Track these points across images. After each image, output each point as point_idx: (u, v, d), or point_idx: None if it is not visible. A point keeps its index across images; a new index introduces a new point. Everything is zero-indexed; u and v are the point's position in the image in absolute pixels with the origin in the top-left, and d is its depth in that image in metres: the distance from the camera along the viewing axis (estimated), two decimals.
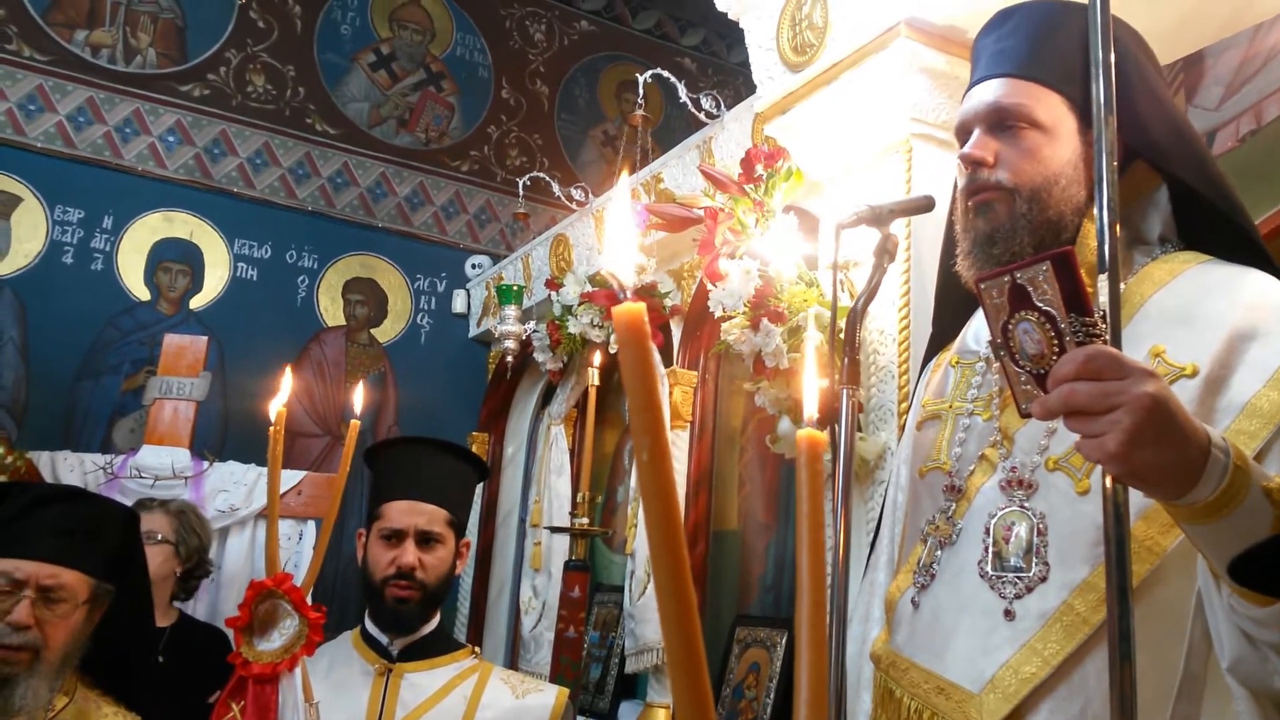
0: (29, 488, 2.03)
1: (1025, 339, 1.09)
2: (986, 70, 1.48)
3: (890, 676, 1.42)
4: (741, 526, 3.51)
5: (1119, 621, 0.94)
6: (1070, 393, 1.01)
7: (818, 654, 0.60)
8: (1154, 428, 0.98)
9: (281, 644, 1.82)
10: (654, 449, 0.50)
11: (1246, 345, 1.24)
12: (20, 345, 4.69)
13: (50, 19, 4.98)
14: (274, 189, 5.36)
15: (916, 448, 1.56)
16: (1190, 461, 1.01)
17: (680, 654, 0.50)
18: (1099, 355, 1.00)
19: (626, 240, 0.52)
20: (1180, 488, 1.02)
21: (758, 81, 2.75)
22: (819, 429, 0.68)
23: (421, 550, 2.09)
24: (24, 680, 1.77)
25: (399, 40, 5.88)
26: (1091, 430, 1.00)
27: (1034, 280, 1.06)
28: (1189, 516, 1.05)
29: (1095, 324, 1.04)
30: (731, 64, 6.82)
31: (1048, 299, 1.05)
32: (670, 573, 0.51)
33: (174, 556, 3.07)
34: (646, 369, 0.50)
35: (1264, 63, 3.19)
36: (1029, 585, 1.27)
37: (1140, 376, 0.99)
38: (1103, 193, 1.01)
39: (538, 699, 2.12)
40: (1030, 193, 1.39)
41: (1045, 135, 1.40)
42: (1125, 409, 0.98)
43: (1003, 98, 1.43)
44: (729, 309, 2.65)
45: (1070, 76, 1.41)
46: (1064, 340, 1.05)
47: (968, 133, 1.47)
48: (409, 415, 5.43)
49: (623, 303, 0.49)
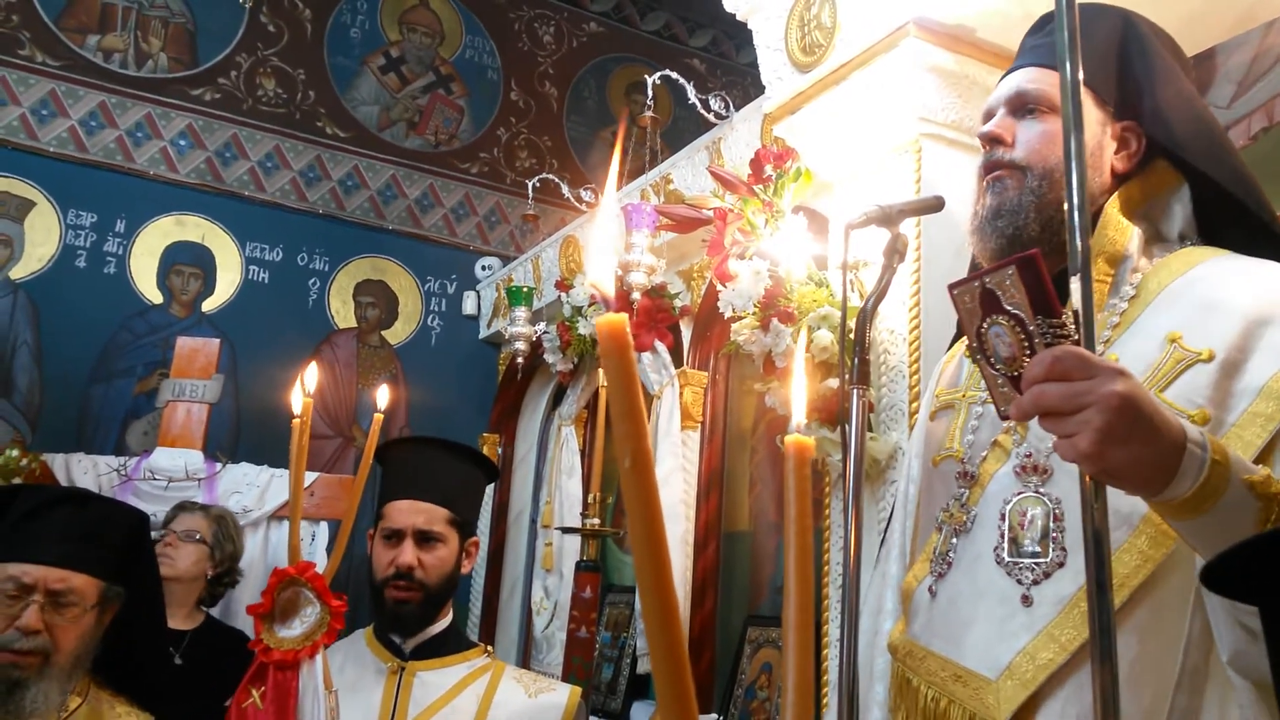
0: (38, 490, 2.03)
1: (998, 342, 1.11)
2: (1019, 62, 1.54)
3: (908, 665, 1.42)
4: (752, 527, 3.51)
5: (1099, 617, 0.94)
6: (1040, 394, 1.02)
7: (804, 659, 0.61)
8: (1124, 425, 0.98)
9: (302, 631, 1.83)
10: (636, 456, 0.51)
11: (1263, 330, 1.24)
12: (34, 349, 4.72)
13: (62, 24, 5.01)
14: (285, 192, 5.38)
15: (929, 438, 1.57)
16: (1165, 457, 1.02)
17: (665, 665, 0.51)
18: (1066, 356, 1.01)
19: (608, 253, 0.54)
20: (1156, 484, 1.03)
21: (766, 82, 2.75)
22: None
23: (421, 550, 2.07)
24: (34, 684, 1.77)
25: (408, 43, 5.90)
26: (1063, 430, 1.01)
27: (1001, 284, 1.07)
28: (1171, 512, 1.06)
29: (1064, 325, 1.04)
30: (740, 65, 6.82)
31: (1015, 302, 1.07)
32: (653, 579, 0.51)
33: (208, 558, 3.11)
34: (629, 378, 0.51)
35: (1275, 60, 3.18)
36: (1046, 571, 1.27)
37: (1108, 375, 1.00)
38: (1072, 194, 1.02)
39: (550, 698, 2.12)
40: (1043, 171, 1.42)
41: None
42: (1095, 408, 0.98)
43: (1026, 83, 1.48)
44: (739, 309, 2.65)
45: (1100, 72, 1.45)
46: (1034, 342, 1.06)
47: (991, 117, 1.52)
48: (420, 417, 5.45)
49: (605, 315, 0.50)
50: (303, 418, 1.71)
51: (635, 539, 0.52)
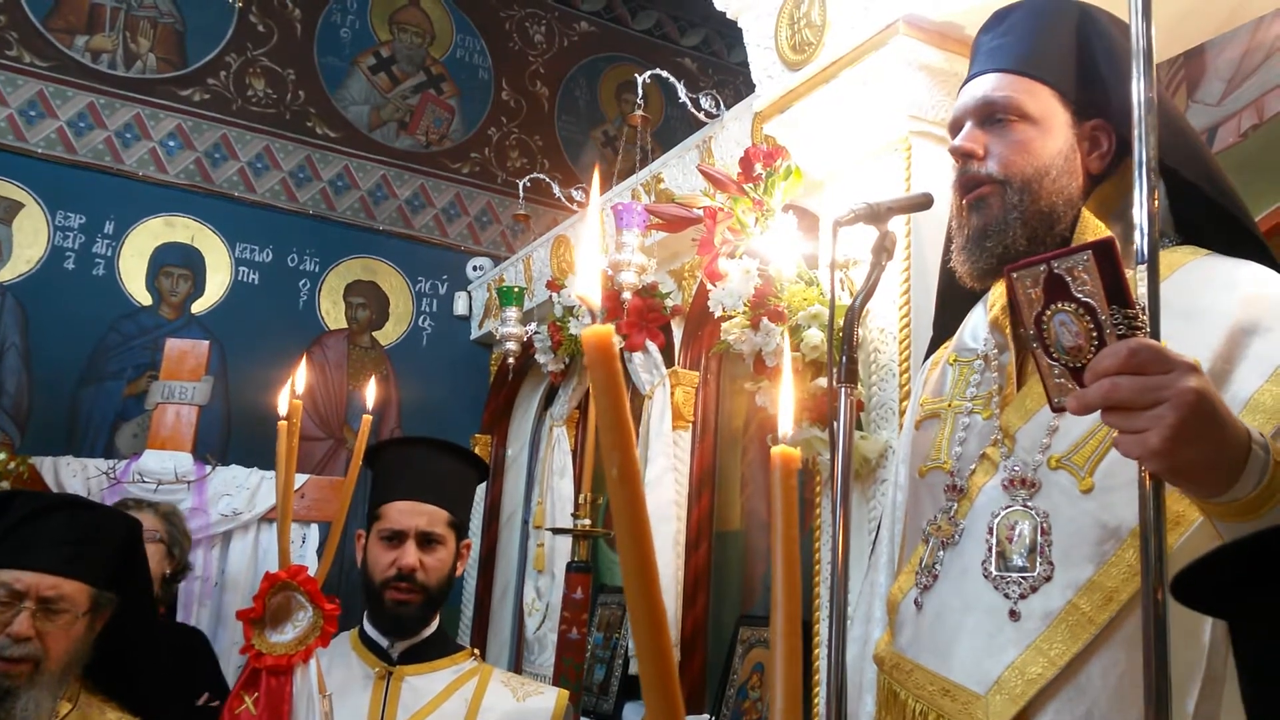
0: (31, 497, 2.02)
1: (1062, 331, 1.05)
2: (980, 67, 1.50)
3: (894, 678, 1.41)
4: (744, 527, 3.50)
5: (1155, 624, 0.93)
6: (1113, 387, 0.98)
7: (792, 668, 0.61)
8: (1197, 424, 0.95)
9: (295, 635, 1.82)
10: (623, 465, 0.51)
11: (1248, 340, 1.23)
12: (22, 351, 4.69)
13: (50, 25, 4.98)
14: (275, 193, 5.36)
15: (915, 447, 1.55)
16: (1231, 458, 0.99)
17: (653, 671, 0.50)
18: (1143, 349, 0.98)
19: (594, 264, 0.53)
20: (1220, 485, 1.00)
21: (756, 80, 2.74)
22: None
23: (422, 551, 2.07)
24: (25, 692, 1.76)
25: (399, 43, 5.88)
26: (1133, 426, 0.97)
27: (1073, 270, 1.02)
28: (1225, 514, 1.03)
29: (1137, 316, 1.00)
30: (731, 64, 6.81)
31: (1087, 289, 1.02)
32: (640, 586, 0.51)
33: (166, 556, 3.08)
34: (615, 388, 0.50)
35: (1265, 57, 3.18)
36: (1033, 585, 1.26)
37: (1184, 371, 0.97)
38: (1142, 185, 1.00)
39: (538, 702, 2.11)
40: (1021, 184, 1.40)
41: (1035, 127, 1.41)
42: (1169, 404, 0.95)
43: (992, 91, 1.44)
44: (729, 309, 2.65)
45: (1062, 70, 1.42)
46: (1104, 333, 1.02)
47: (960, 128, 1.49)
48: (411, 418, 5.43)
49: (591, 325, 0.50)
50: (290, 419, 1.70)
51: (623, 549, 0.51)
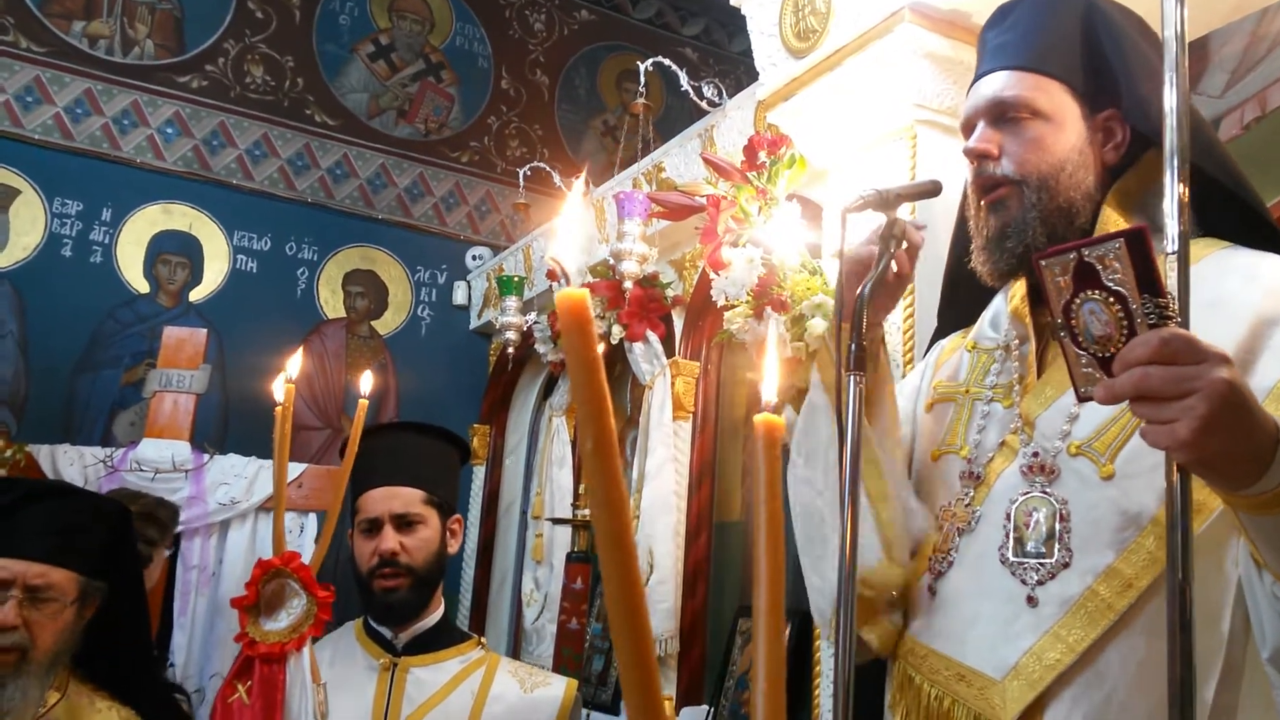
0: (18, 484, 1.99)
1: (1091, 320, 1.04)
2: (988, 65, 1.49)
3: (908, 663, 1.41)
4: (744, 517, 3.49)
5: (1180, 616, 0.93)
6: (1144, 376, 0.97)
7: (774, 646, 0.59)
8: (1228, 415, 0.95)
9: (289, 623, 1.80)
10: (598, 438, 0.49)
11: (1271, 330, 1.22)
12: (19, 338, 4.67)
13: (47, 10, 4.95)
14: (273, 180, 5.33)
15: (927, 431, 1.55)
16: (1260, 451, 0.98)
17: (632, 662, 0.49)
18: (1175, 338, 0.97)
19: (575, 229, 0.51)
20: (1248, 478, 0.99)
21: (760, 68, 2.72)
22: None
23: (402, 534, 2.02)
24: (12, 681, 1.73)
25: (398, 30, 5.85)
26: (1162, 416, 0.97)
27: (1104, 258, 1.01)
28: (1252, 506, 1.02)
29: (1169, 305, 0.99)
30: (733, 53, 6.79)
31: (1118, 278, 1.00)
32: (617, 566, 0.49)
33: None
34: (590, 357, 0.48)
35: (1268, 49, 3.17)
36: (1051, 572, 1.27)
37: (1215, 361, 0.96)
38: (1173, 174, 0.99)
39: (546, 692, 2.09)
40: (1038, 181, 1.39)
41: (1048, 124, 1.41)
42: (1200, 395, 0.94)
43: (1002, 90, 1.44)
44: (732, 298, 2.63)
45: (1070, 63, 1.42)
46: (1134, 322, 1.00)
47: (972, 128, 1.49)
48: (410, 407, 5.42)
49: (565, 289, 0.48)
50: (285, 405, 1.69)
51: (598, 524, 0.50)
